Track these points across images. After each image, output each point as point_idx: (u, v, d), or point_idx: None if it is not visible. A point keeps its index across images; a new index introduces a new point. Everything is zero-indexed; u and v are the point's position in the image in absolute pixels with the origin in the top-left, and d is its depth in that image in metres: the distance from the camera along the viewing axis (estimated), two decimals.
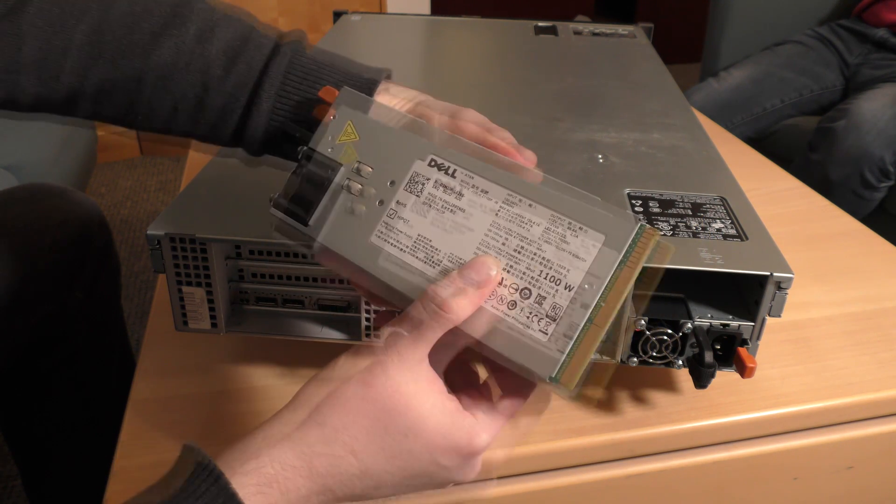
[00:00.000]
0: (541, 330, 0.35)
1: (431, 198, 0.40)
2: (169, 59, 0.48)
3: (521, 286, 0.36)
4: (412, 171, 0.40)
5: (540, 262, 0.36)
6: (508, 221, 0.38)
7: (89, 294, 0.83)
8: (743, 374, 0.50)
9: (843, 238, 0.80)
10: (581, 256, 0.36)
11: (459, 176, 0.39)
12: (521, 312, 0.36)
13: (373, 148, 0.42)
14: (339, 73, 0.51)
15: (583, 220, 0.36)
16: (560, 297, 0.35)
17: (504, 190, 0.38)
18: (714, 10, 1.88)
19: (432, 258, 0.39)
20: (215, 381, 0.58)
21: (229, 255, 0.54)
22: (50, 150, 1.39)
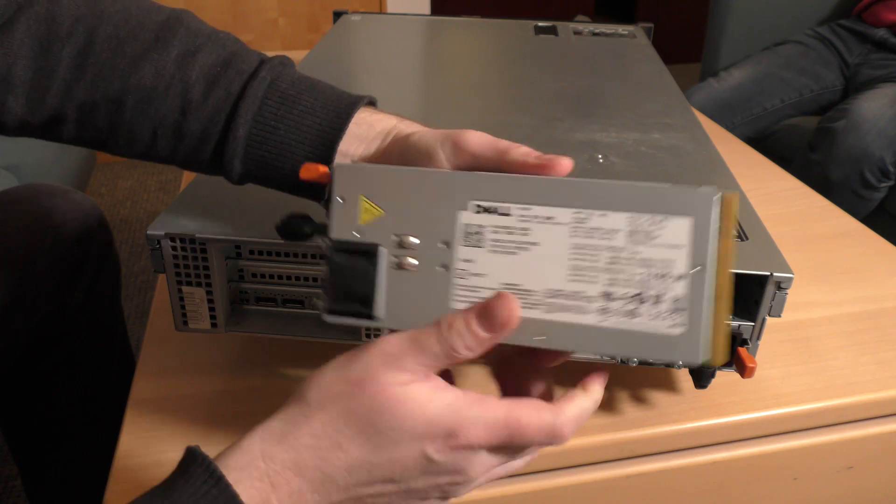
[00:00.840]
0: (671, 326, 0.35)
1: (497, 244, 0.37)
2: (149, 83, 0.47)
3: (633, 293, 0.36)
4: (461, 225, 0.38)
5: (640, 265, 0.36)
6: (588, 239, 0.36)
7: (89, 294, 0.83)
8: (743, 374, 0.50)
9: (843, 238, 0.80)
10: (677, 244, 0.35)
11: (515, 213, 0.37)
12: (645, 317, 0.36)
13: (403, 215, 0.39)
14: (317, 99, 0.48)
15: (662, 211, 0.35)
16: (676, 289, 0.35)
17: (568, 210, 0.36)
18: (714, 10, 1.88)
19: (527, 300, 0.37)
20: (215, 381, 0.58)
21: (229, 255, 0.54)
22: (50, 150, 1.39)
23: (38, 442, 0.89)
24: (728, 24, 1.86)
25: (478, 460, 0.36)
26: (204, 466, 0.34)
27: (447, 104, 0.80)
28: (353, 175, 0.39)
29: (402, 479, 0.36)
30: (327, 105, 0.47)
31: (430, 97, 0.83)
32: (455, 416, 0.35)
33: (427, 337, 0.36)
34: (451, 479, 0.36)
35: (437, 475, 0.36)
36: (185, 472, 0.35)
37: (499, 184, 0.38)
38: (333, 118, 0.47)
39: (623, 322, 0.36)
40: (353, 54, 0.97)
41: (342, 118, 0.46)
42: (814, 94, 1.74)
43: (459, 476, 0.36)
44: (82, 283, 0.82)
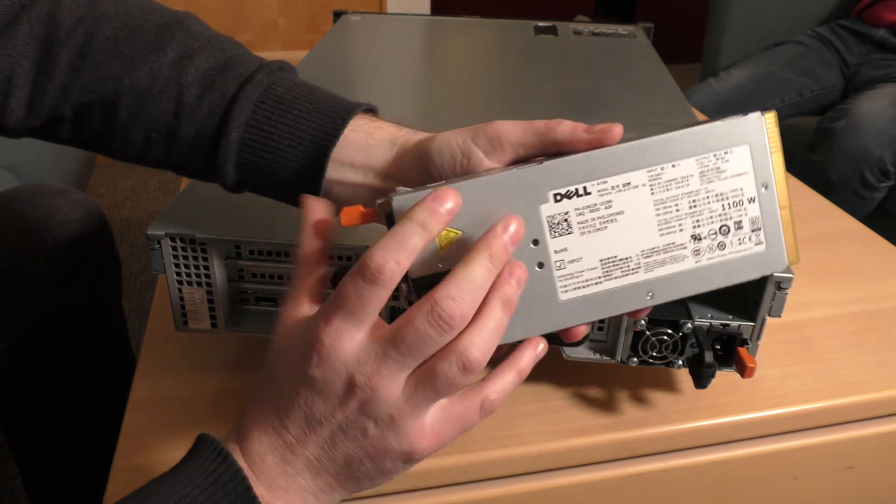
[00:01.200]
0: (757, 244, 0.39)
1: (585, 224, 0.38)
2: (143, 85, 0.46)
3: (717, 227, 0.39)
4: (545, 219, 0.38)
5: (717, 200, 0.39)
6: (666, 192, 0.38)
7: (89, 294, 0.83)
8: (743, 374, 0.50)
9: (843, 238, 0.80)
10: (742, 171, 0.39)
11: (593, 189, 0.38)
12: (733, 245, 0.39)
13: (482, 228, 0.36)
14: (313, 104, 0.46)
15: (723, 145, 0.38)
16: (751, 211, 0.39)
17: (641, 171, 0.38)
18: (714, 10, 1.88)
19: (627, 266, 0.39)
20: (215, 381, 0.58)
21: (229, 255, 0.54)
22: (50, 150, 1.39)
23: (38, 442, 0.89)
24: (728, 24, 1.86)
25: (353, 359, 0.34)
26: (212, 447, 0.36)
27: (447, 104, 0.80)
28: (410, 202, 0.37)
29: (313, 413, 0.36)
30: (323, 111, 0.46)
31: (430, 97, 0.83)
32: (307, 328, 0.36)
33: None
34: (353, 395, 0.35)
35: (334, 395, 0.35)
36: (194, 454, 0.36)
37: (569, 167, 0.38)
38: (328, 125, 0.45)
39: (716, 256, 0.39)
40: (353, 54, 0.97)
41: (337, 125, 0.45)
42: (814, 94, 1.74)
43: (357, 386, 0.34)
44: (82, 283, 0.82)
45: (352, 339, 0.35)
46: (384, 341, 0.34)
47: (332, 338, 0.34)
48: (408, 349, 0.34)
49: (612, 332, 0.53)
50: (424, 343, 0.34)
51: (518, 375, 0.38)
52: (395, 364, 0.34)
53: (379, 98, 0.51)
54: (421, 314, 0.34)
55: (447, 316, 0.33)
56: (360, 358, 0.35)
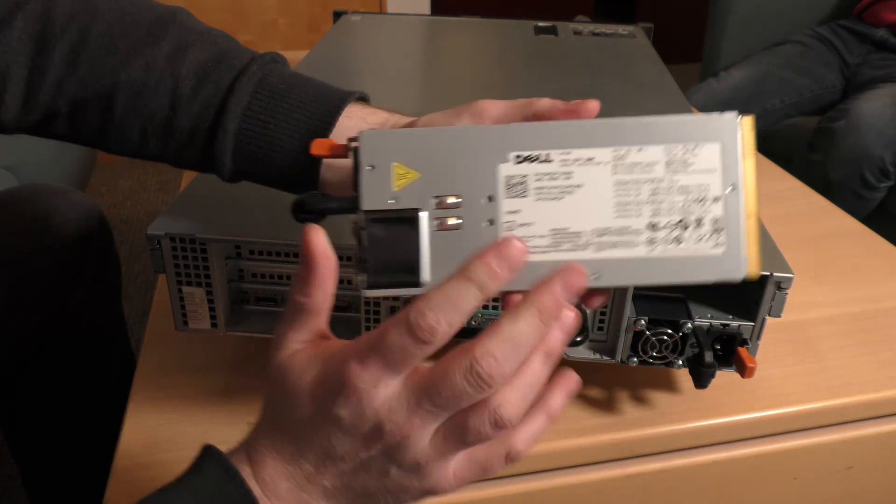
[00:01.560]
0: (714, 246, 0.38)
1: (542, 191, 0.38)
2: (138, 79, 0.46)
3: (676, 220, 0.38)
4: (503, 178, 0.38)
5: (679, 192, 0.38)
6: (629, 174, 0.38)
7: (89, 294, 0.83)
8: (743, 374, 0.50)
9: (843, 238, 0.80)
10: (710, 168, 0.38)
11: (556, 158, 0.38)
12: (689, 241, 0.38)
13: (440, 175, 0.38)
14: (308, 94, 0.47)
15: (694, 138, 0.38)
16: (714, 211, 0.38)
17: (607, 149, 0.38)
18: (714, 10, 1.88)
19: (578, 242, 0.38)
20: (215, 381, 0.58)
21: (229, 255, 0.54)
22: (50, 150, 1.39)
23: (38, 442, 0.89)
24: (728, 24, 1.86)
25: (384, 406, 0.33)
26: (220, 463, 0.35)
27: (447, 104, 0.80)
28: (382, 141, 0.38)
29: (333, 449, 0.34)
30: (318, 100, 0.47)
31: (430, 97, 0.83)
32: (332, 365, 0.34)
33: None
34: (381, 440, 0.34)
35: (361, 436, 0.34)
36: (200, 468, 0.36)
37: (536, 132, 0.38)
38: (323, 113, 0.46)
39: (670, 249, 0.38)
40: (353, 54, 0.97)
41: (332, 112, 0.46)
42: (814, 94, 1.74)
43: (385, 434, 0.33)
44: (82, 283, 0.82)
45: (386, 386, 0.33)
46: (418, 391, 0.33)
47: (367, 384, 0.33)
48: (443, 402, 0.33)
49: (612, 332, 0.53)
50: (460, 399, 0.32)
51: (548, 419, 0.37)
52: (427, 415, 0.33)
53: (379, 98, 0.51)
54: (459, 370, 0.32)
55: (486, 376, 0.32)
56: (392, 406, 0.33)
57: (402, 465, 0.34)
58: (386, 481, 0.35)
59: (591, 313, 0.53)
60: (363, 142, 0.38)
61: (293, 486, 0.35)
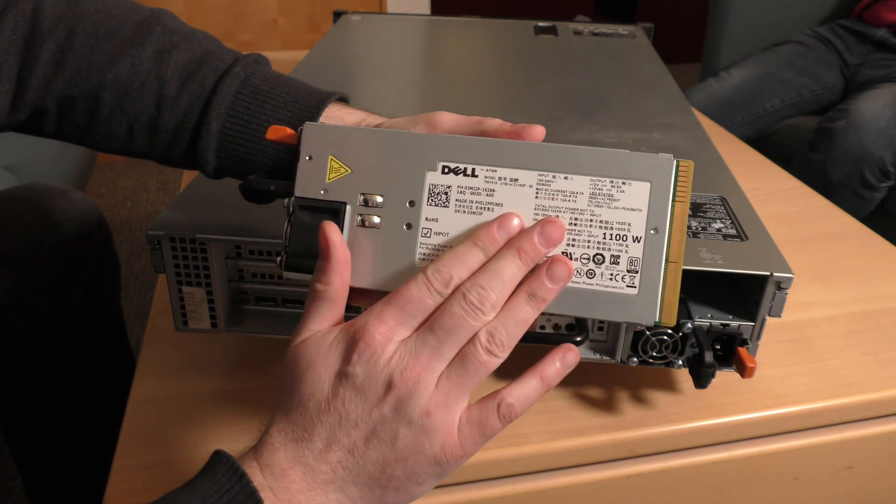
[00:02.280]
0: (628, 286, 0.38)
1: (462, 204, 0.39)
2: (125, 79, 0.48)
3: (592, 254, 0.38)
4: (428, 185, 0.39)
5: (599, 226, 0.38)
6: (551, 200, 0.38)
7: (89, 294, 0.83)
8: (743, 374, 0.50)
9: (843, 238, 0.80)
10: (635, 207, 0.37)
11: (481, 174, 0.38)
12: (602, 277, 0.38)
13: (371, 174, 0.39)
14: (289, 94, 0.49)
15: (623, 175, 0.37)
16: (633, 251, 0.38)
17: (533, 172, 0.38)
18: (714, 10, 1.88)
19: None
20: (215, 381, 0.58)
21: (229, 255, 0.54)
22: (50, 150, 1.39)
23: (38, 442, 0.89)
24: (728, 24, 1.86)
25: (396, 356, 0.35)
26: (227, 465, 0.35)
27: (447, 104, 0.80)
28: (322, 134, 0.40)
29: (346, 414, 0.35)
30: (298, 101, 0.49)
31: (430, 97, 0.83)
32: (349, 328, 0.36)
33: None
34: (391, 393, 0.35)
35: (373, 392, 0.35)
36: (209, 471, 0.36)
37: (466, 145, 0.39)
38: (304, 113, 0.48)
39: (581, 282, 0.38)
40: (353, 54, 0.97)
41: (312, 113, 0.48)
42: (814, 94, 1.74)
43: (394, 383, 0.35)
44: (82, 282, 0.82)
45: (400, 337, 0.36)
46: (421, 333, 0.36)
47: (384, 335, 0.35)
48: (444, 333, 0.35)
49: (612, 332, 0.53)
50: (457, 328, 0.35)
51: (541, 383, 0.38)
52: (431, 352, 0.35)
53: (379, 98, 0.51)
54: (454, 300, 0.36)
55: (477, 300, 0.35)
56: (402, 353, 0.36)
57: (412, 419, 0.35)
58: (396, 446, 0.36)
59: None
60: (305, 132, 0.40)
61: (301, 473, 0.35)
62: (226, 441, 0.53)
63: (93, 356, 0.87)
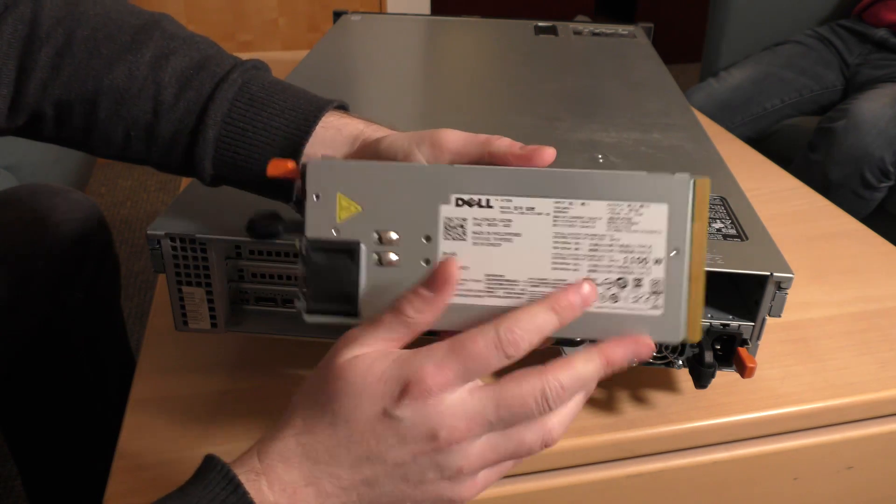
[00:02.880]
0: (652, 307, 0.38)
1: (479, 236, 0.38)
2: (122, 84, 0.47)
3: (614, 278, 0.38)
4: (443, 219, 0.38)
5: (620, 251, 0.37)
6: (570, 227, 0.37)
7: (89, 294, 0.83)
8: (743, 374, 0.50)
9: (843, 238, 0.80)
10: (655, 230, 0.37)
11: (496, 204, 0.37)
12: (627, 301, 0.38)
13: (383, 210, 0.38)
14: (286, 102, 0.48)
15: (640, 198, 0.37)
16: (655, 273, 0.37)
17: (549, 200, 0.37)
18: (714, 10, 1.88)
19: (512, 290, 0.38)
20: (215, 381, 0.58)
21: (229, 255, 0.54)
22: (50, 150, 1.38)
23: (38, 442, 0.89)
24: (728, 24, 1.86)
25: (447, 412, 0.34)
26: (222, 474, 0.35)
27: (447, 104, 0.80)
28: (328, 171, 0.38)
29: (379, 452, 0.35)
30: (296, 108, 0.48)
31: (430, 97, 0.83)
32: (404, 366, 0.35)
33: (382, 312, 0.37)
34: (432, 445, 0.35)
35: (413, 441, 0.35)
36: (202, 479, 0.35)
37: (479, 176, 0.38)
38: (301, 121, 0.47)
39: (606, 306, 0.38)
40: (353, 54, 0.97)
41: (309, 121, 0.47)
42: (814, 94, 1.74)
43: (439, 440, 0.34)
44: (82, 282, 0.82)
45: (453, 392, 0.35)
46: (487, 401, 0.35)
47: (441, 386, 0.34)
48: (508, 416, 0.35)
49: None
50: (523, 416, 0.35)
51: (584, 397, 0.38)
52: (485, 426, 0.35)
53: (379, 98, 0.51)
54: (532, 391, 0.35)
55: (553, 401, 0.35)
56: (456, 412, 0.34)
57: (443, 471, 0.35)
58: (419, 488, 0.35)
59: None
60: (309, 172, 0.38)
61: (315, 495, 0.35)
62: (226, 441, 0.53)
63: (93, 356, 0.87)
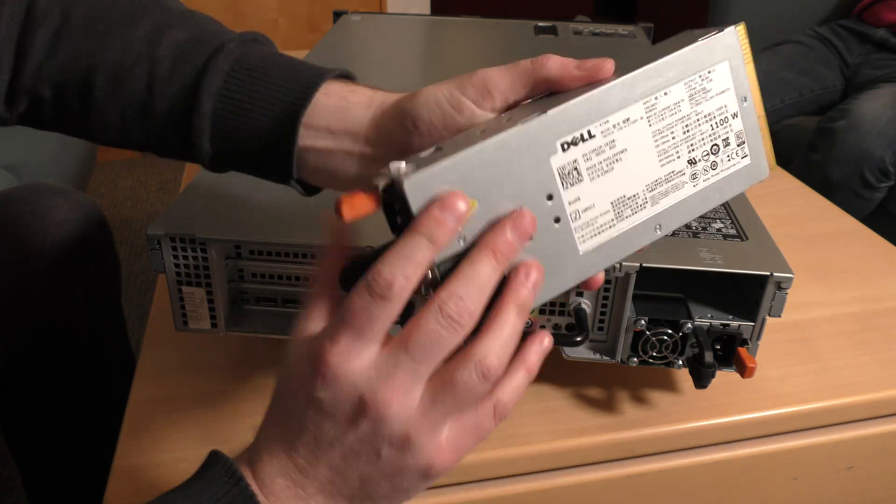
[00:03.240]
0: (742, 157, 0.40)
1: (593, 169, 0.37)
2: (116, 61, 0.44)
3: (709, 147, 0.39)
4: (556, 171, 0.36)
5: (706, 121, 0.39)
6: (662, 121, 0.38)
7: (89, 294, 0.83)
8: (743, 374, 0.50)
9: (843, 238, 0.80)
10: (725, 88, 0.39)
11: (597, 132, 0.37)
12: (723, 163, 0.40)
13: (497, 192, 0.35)
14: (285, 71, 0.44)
15: (706, 65, 0.39)
16: (735, 126, 0.40)
17: (638, 104, 0.37)
18: (714, 10, 1.88)
19: (636, 204, 0.38)
20: (215, 381, 0.58)
21: (229, 255, 0.54)
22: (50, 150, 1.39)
23: (38, 442, 0.89)
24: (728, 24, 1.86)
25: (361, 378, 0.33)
26: (225, 468, 0.35)
27: None
28: (429, 182, 0.33)
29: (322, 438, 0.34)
30: (294, 77, 0.44)
31: None
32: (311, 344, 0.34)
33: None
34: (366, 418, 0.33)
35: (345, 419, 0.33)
36: (206, 473, 0.35)
37: (571, 113, 0.36)
38: (300, 89, 0.43)
39: (710, 177, 0.40)
40: (353, 54, 0.97)
41: (310, 88, 0.43)
42: (814, 94, 1.74)
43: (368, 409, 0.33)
44: (82, 282, 0.82)
45: (360, 357, 0.33)
46: (394, 350, 0.33)
47: (339, 358, 0.33)
48: (419, 352, 0.32)
49: (612, 332, 0.53)
50: (435, 344, 0.32)
51: (527, 373, 0.36)
52: (407, 374, 0.33)
53: None
54: (429, 314, 0.32)
55: (455, 313, 0.32)
56: (370, 375, 0.33)
57: (391, 441, 0.33)
58: (379, 464, 0.34)
59: (591, 313, 0.53)
60: (410, 192, 0.33)
61: (289, 483, 0.35)
62: (226, 441, 0.53)
63: (93, 356, 0.87)
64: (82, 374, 0.86)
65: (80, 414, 0.88)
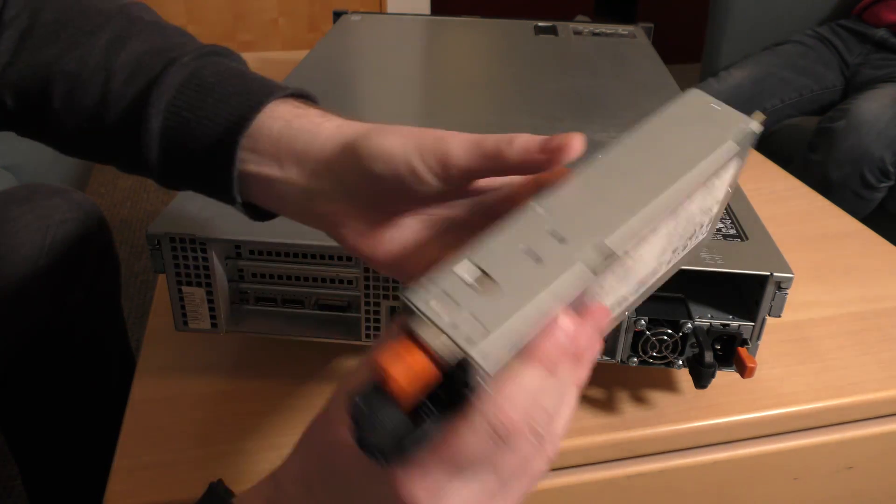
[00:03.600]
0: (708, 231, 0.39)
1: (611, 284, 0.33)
2: (73, 71, 0.42)
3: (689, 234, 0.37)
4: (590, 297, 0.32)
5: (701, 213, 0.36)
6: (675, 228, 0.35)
7: (89, 294, 0.83)
8: (743, 374, 0.50)
9: (843, 238, 0.80)
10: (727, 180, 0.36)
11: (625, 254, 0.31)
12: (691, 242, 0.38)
13: None
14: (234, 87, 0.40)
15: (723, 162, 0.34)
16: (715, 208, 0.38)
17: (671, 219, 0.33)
18: (714, 10, 1.88)
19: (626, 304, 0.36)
20: (215, 381, 0.58)
21: (229, 255, 0.54)
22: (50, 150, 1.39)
23: (38, 442, 0.89)
24: (728, 24, 1.86)
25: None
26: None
27: (447, 104, 0.80)
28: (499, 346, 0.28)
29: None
30: (242, 94, 0.39)
31: (430, 97, 0.83)
32: None
33: None
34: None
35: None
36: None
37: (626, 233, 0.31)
38: (244, 109, 0.39)
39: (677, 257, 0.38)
40: (353, 54, 0.97)
41: (252, 109, 0.39)
42: (814, 94, 1.74)
43: None
44: (82, 282, 0.82)
45: (452, 497, 0.28)
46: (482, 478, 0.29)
47: (430, 495, 0.28)
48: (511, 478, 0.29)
49: (612, 332, 0.53)
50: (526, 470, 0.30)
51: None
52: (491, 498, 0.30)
53: (379, 98, 0.51)
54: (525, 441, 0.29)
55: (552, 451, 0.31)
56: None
57: None
58: None
59: None
60: (483, 364, 0.27)
61: None
62: (226, 441, 0.53)
63: (93, 356, 0.87)
64: (82, 374, 0.86)
65: (80, 414, 0.88)
